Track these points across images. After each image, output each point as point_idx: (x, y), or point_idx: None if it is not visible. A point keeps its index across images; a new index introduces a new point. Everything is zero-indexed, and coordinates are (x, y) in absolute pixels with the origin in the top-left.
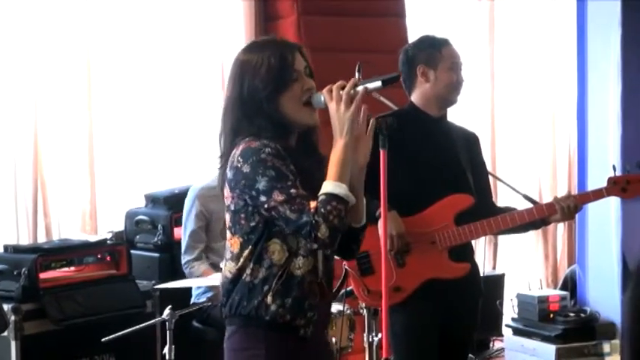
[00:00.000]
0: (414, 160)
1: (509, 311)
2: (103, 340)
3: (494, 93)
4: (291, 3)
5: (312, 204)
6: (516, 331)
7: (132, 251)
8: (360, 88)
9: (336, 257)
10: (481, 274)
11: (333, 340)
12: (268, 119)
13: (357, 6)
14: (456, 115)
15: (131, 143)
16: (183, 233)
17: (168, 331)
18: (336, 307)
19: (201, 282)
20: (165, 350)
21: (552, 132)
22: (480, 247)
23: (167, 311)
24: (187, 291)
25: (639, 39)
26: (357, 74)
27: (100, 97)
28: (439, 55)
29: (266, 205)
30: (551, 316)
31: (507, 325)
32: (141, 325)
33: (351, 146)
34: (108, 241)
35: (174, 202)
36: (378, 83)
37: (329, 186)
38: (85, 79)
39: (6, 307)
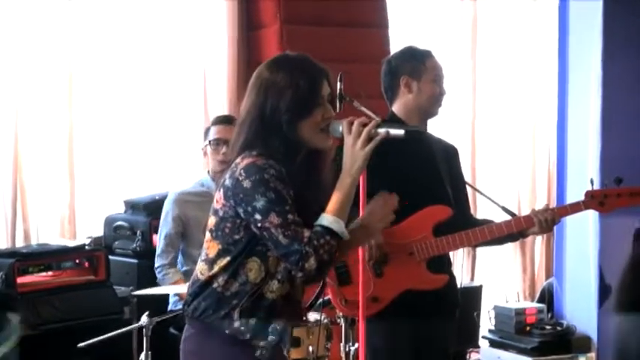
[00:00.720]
0: (394, 171)
1: (487, 323)
2: (79, 345)
3: (476, 105)
4: (274, 12)
5: (306, 233)
6: (493, 343)
7: (110, 257)
8: (381, 131)
9: None
10: (459, 286)
11: (310, 349)
12: (283, 141)
13: (340, 16)
14: (437, 128)
15: (111, 149)
16: (159, 236)
17: (145, 338)
18: (313, 317)
19: (180, 289)
20: (142, 356)
21: (532, 145)
22: (458, 258)
23: (144, 317)
24: (165, 298)
25: (619, 54)
26: (338, 84)
27: (81, 102)
28: (423, 67)
29: (259, 225)
30: (528, 328)
31: (484, 337)
32: (118, 331)
33: (357, 183)
34: (86, 247)
35: (153, 208)
36: (400, 132)
37: (327, 219)
38: (66, 85)
39: None
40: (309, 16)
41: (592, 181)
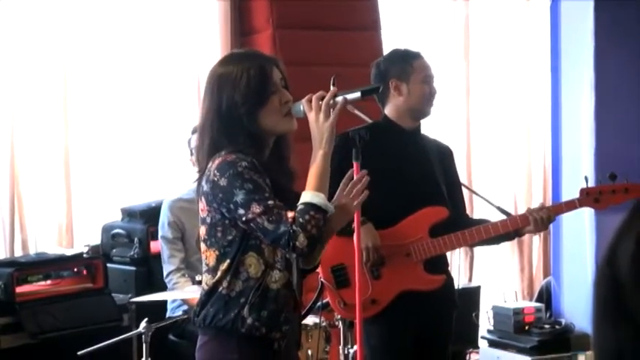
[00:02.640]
0: (389, 172)
1: (485, 323)
2: (79, 353)
3: (470, 106)
4: (267, 17)
5: (290, 214)
6: (492, 343)
7: (108, 265)
8: (339, 99)
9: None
10: (457, 287)
11: (309, 352)
12: (247, 134)
13: (333, 20)
14: (432, 128)
15: (107, 157)
16: (161, 246)
17: (144, 344)
18: (312, 320)
19: (177, 295)
20: None
21: (527, 145)
22: (456, 259)
23: (143, 324)
24: (163, 304)
25: (611, 53)
26: (331, 87)
27: (76, 111)
28: (411, 69)
29: (244, 218)
30: (527, 327)
31: (483, 337)
32: (117, 339)
33: (330, 156)
34: (84, 255)
35: (150, 215)
36: (357, 94)
37: (307, 196)
38: (61, 94)
39: None
40: (302, 21)
41: (587, 179)
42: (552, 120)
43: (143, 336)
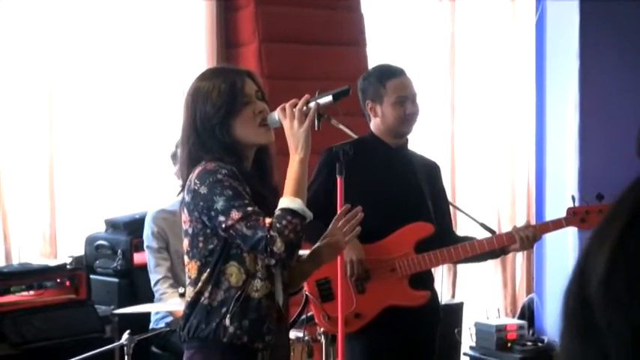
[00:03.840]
0: (375, 187)
1: (468, 340)
2: None
3: (454, 123)
4: (253, 30)
5: (268, 220)
6: None
7: (91, 276)
8: (312, 104)
9: None
10: (440, 303)
11: None
12: (223, 146)
13: (318, 34)
14: (416, 144)
15: (91, 168)
16: (147, 255)
17: (126, 356)
18: (294, 334)
19: (159, 307)
20: None
21: (511, 161)
22: (439, 275)
23: (125, 336)
24: (146, 316)
25: (596, 71)
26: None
27: (61, 121)
28: (384, 90)
29: (224, 225)
30: (509, 344)
31: (465, 354)
32: (99, 350)
33: (307, 161)
34: (67, 266)
35: (134, 227)
36: (329, 98)
37: (285, 201)
38: (46, 104)
39: None
40: (287, 35)
41: (574, 198)
42: (537, 137)
43: (125, 348)
